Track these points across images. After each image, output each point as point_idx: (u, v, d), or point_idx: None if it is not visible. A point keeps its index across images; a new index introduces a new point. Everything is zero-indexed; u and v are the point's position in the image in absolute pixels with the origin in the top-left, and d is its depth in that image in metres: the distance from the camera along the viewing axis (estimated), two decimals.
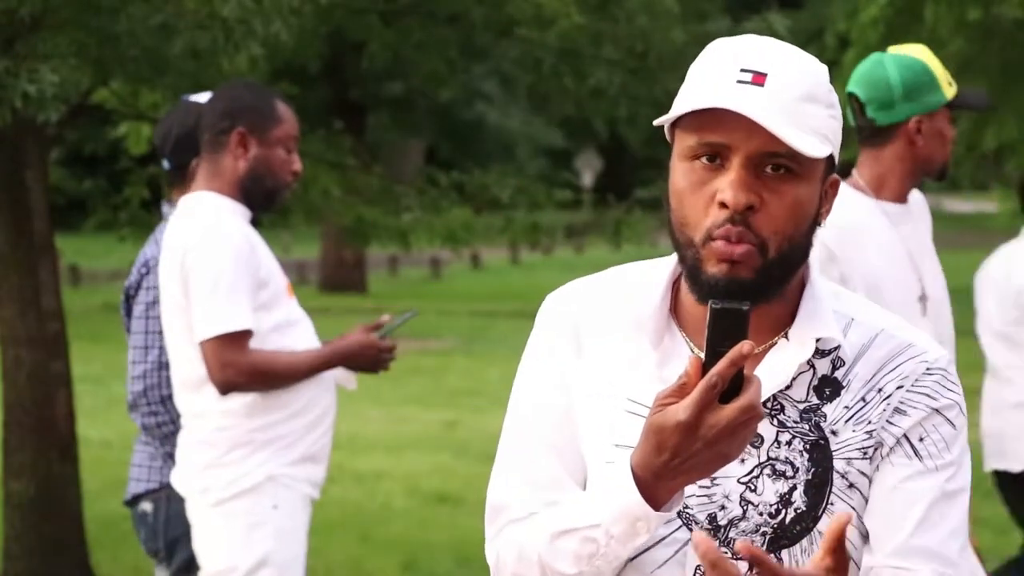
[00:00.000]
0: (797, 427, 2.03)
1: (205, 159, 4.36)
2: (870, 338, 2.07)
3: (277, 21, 6.27)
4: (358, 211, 8.62)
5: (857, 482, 2.03)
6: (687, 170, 1.99)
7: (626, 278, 2.14)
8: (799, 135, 1.94)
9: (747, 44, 2.01)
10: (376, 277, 28.11)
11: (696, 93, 1.97)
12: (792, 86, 1.97)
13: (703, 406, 1.84)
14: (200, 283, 4.18)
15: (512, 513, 2.09)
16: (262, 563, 4.23)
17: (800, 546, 2.02)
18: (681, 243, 2.01)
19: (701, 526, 2.01)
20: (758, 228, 1.96)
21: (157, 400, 4.53)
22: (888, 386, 2.04)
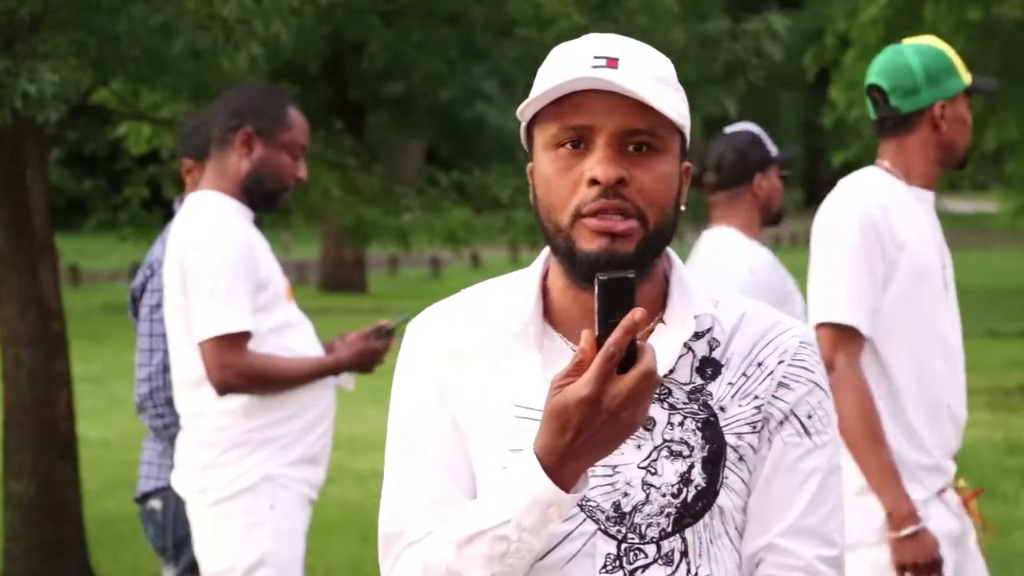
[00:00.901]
0: (687, 407, 2.08)
1: (213, 156, 4.38)
2: (738, 317, 2.13)
3: (277, 21, 6.27)
4: (358, 211, 8.62)
5: (746, 455, 2.09)
6: (552, 158, 2.06)
7: (490, 294, 2.17)
8: (659, 101, 2.01)
9: (594, 38, 2.10)
10: (376, 277, 28.11)
11: (553, 82, 2.04)
12: (644, 68, 2.05)
13: (603, 378, 1.87)
14: (199, 284, 4.18)
15: (409, 537, 2.09)
16: (260, 563, 4.23)
17: (703, 522, 2.07)
18: (550, 231, 2.06)
19: (606, 515, 2.05)
20: (633, 199, 2.02)
21: (163, 402, 4.54)
22: (768, 360, 2.10)
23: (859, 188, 4.02)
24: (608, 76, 2.01)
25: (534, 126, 2.09)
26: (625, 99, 2.02)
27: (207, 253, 4.19)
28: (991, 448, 10.45)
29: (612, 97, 2.02)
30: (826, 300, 3.94)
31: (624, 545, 2.06)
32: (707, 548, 2.08)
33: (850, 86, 19.01)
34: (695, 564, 2.06)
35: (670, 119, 2.04)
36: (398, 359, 2.17)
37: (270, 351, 4.26)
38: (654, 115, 2.03)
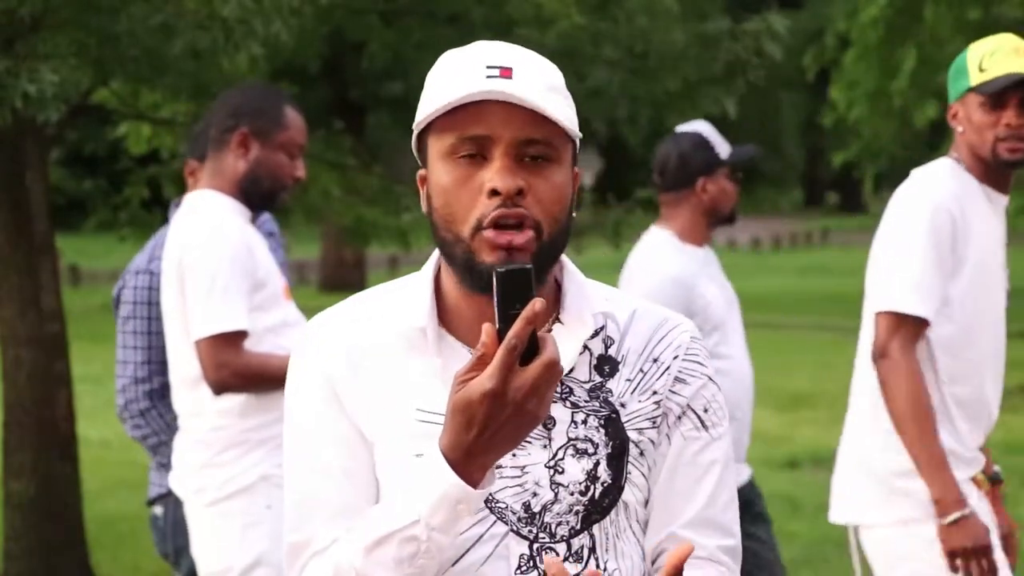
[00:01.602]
0: (588, 405, 2.10)
1: (210, 157, 4.38)
2: (629, 314, 2.16)
3: (277, 21, 6.27)
4: (358, 211, 8.62)
5: (646, 450, 2.12)
6: (449, 168, 2.07)
7: (382, 299, 2.17)
8: (556, 112, 2.03)
9: (484, 46, 2.10)
10: (376, 277, 28.08)
11: (449, 92, 2.04)
12: (537, 77, 2.06)
13: (507, 370, 1.87)
14: (196, 283, 4.18)
15: (315, 546, 2.07)
16: (257, 563, 4.23)
17: (609, 518, 2.10)
18: (448, 240, 2.07)
19: (517, 516, 2.06)
20: (530, 210, 2.03)
21: (137, 414, 4.56)
22: (663, 356, 2.14)
23: (936, 179, 3.99)
24: (506, 87, 2.02)
25: (427, 134, 2.10)
26: (521, 109, 2.03)
27: (205, 252, 4.19)
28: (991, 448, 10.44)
29: (508, 107, 2.03)
30: (893, 288, 3.92)
31: (536, 545, 2.07)
32: (614, 543, 2.10)
33: (850, 86, 19.02)
34: (603, 559, 2.09)
35: (564, 128, 2.05)
36: (293, 367, 2.15)
37: (267, 351, 4.26)
38: (549, 125, 2.05)
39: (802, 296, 23.62)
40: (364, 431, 2.09)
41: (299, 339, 2.17)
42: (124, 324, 4.59)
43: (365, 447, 2.09)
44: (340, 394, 2.10)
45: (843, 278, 27.24)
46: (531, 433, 2.03)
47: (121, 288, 4.64)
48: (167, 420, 4.51)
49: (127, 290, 4.60)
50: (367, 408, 2.09)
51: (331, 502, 2.08)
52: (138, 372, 4.54)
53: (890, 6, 17.04)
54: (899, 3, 16.97)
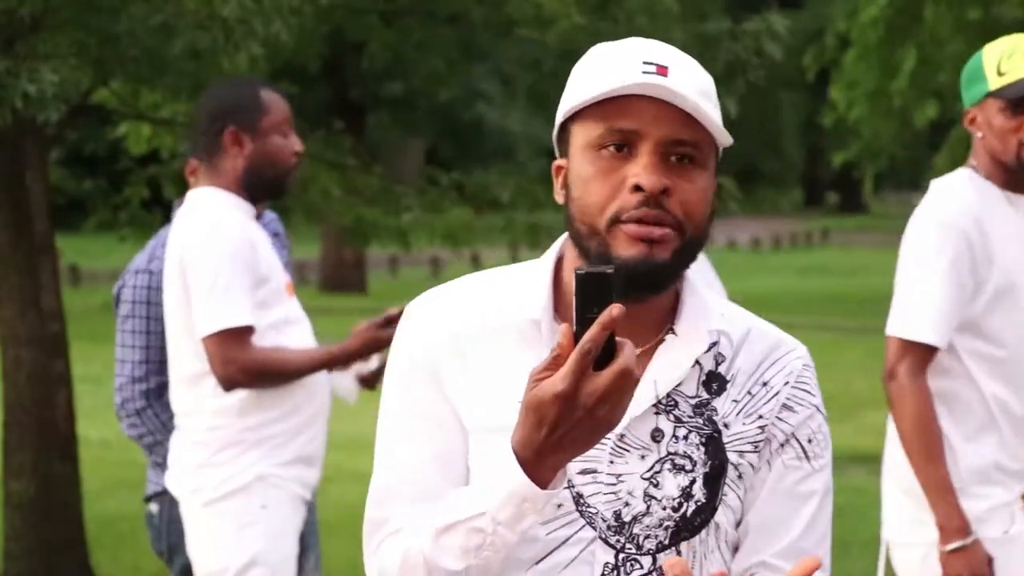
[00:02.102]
0: (692, 421, 2.07)
1: (204, 162, 4.38)
2: (743, 333, 2.13)
3: (277, 21, 6.27)
4: (358, 211, 8.61)
5: (745, 473, 2.09)
6: (593, 159, 2.04)
7: (497, 283, 2.14)
8: (709, 116, 2.01)
9: (639, 42, 2.08)
10: (376, 277, 28.09)
11: (603, 82, 2.01)
12: (692, 79, 2.05)
13: (579, 374, 1.84)
14: (199, 280, 4.18)
15: (392, 526, 2.07)
16: (252, 563, 4.23)
17: (699, 537, 2.07)
18: (583, 232, 2.04)
19: (607, 523, 2.04)
20: (673, 211, 2.01)
21: (133, 413, 4.56)
22: (774, 380, 2.11)
23: (952, 194, 3.92)
24: (663, 83, 2.00)
25: (571, 124, 2.07)
26: (673, 109, 2.01)
27: (206, 249, 4.19)
28: None
29: (661, 105, 2.01)
30: (907, 314, 3.87)
31: (621, 555, 2.05)
32: (700, 562, 2.08)
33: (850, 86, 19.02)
34: None
35: (712, 134, 2.03)
36: (394, 346, 2.13)
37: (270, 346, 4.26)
38: (699, 128, 2.03)
39: (802, 296, 23.63)
40: (462, 418, 2.07)
41: (405, 316, 2.14)
42: (123, 323, 4.60)
43: (460, 434, 2.07)
44: (441, 379, 2.08)
45: (843, 278, 27.26)
46: (631, 443, 2.03)
47: (121, 287, 4.65)
48: (163, 420, 4.51)
49: (127, 289, 4.61)
50: (469, 396, 2.07)
51: (415, 485, 2.07)
52: (135, 371, 4.55)
53: (890, 6, 17.04)
54: (899, 3, 16.97)
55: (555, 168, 2.12)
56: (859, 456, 10.25)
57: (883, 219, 48.27)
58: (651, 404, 2.06)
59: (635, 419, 2.05)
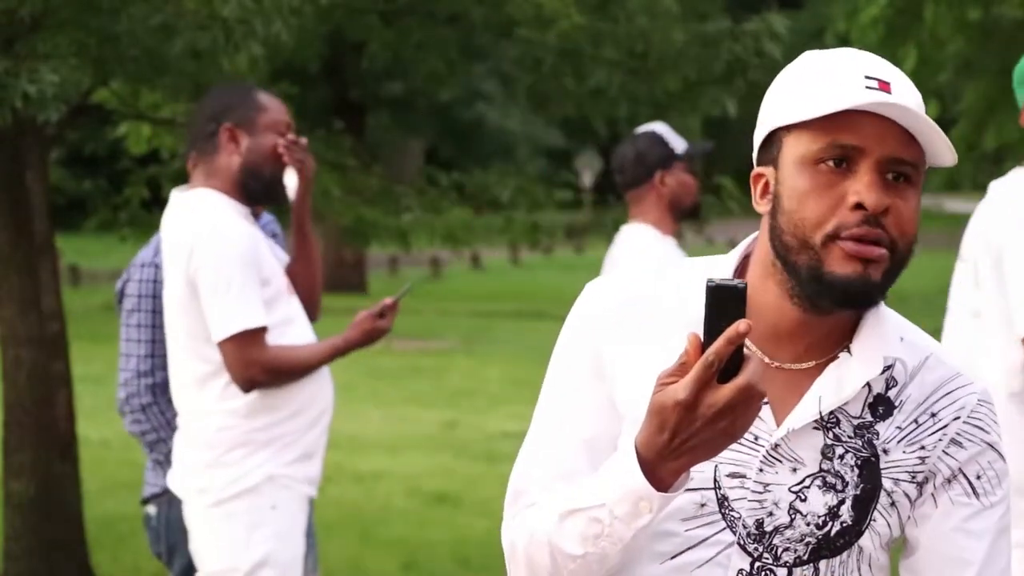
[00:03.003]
0: (851, 442, 2.05)
1: (200, 162, 4.38)
2: (921, 360, 2.10)
3: (277, 21, 6.27)
4: (358, 211, 8.61)
5: (899, 502, 2.08)
6: (811, 173, 2.00)
7: (677, 279, 2.12)
8: (937, 139, 1.99)
9: (855, 54, 2.05)
10: (376, 277, 28.09)
11: (828, 96, 1.99)
12: (913, 96, 2.02)
13: (701, 385, 1.84)
14: (211, 284, 4.18)
15: (530, 499, 2.09)
16: (263, 563, 4.23)
17: (840, 558, 2.06)
18: (793, 245, 2.01)
19: (748, 530, 2.04)
20: (890, 230, 1.99)
21: (138, 408, 4.54)
22: (943, 413, 2.08)
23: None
24: (891, 100, 1.97)
25: (783, 133, 2.04)
26: (895, 127, 1.99)
27: (213, 253, 4.19)
28: None
29: (884, 122, 1.98)
30: None
31: (757, 564, 2.05)
32: None
33: None
34: None
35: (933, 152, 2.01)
36: (566, 322, 2.14)
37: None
38: (917, 147, 2.01)
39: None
40: (618, 403, 2.07)
41: (581, 299, 2.14)
42: (128, 317, 4.58)
43: (615, 419, 2.07)
44: (604, 362, 2.08)
45: None
46: (784, 454, 2.03)
47: (125, 281, 4.64)
48: (168, 417, 4.50)
49: (132, 283, 4.60)
50: (627, 382, 2.06)
51: (561, 464, 2.08)
52: (141, 365, 4.53)
53: (890, 6, 17.03)
54: (899, 3, 16.96)
55: (754, 176, 2.10)
56: None
57: None
58: (813, 420, 2.04)
59: (793, 431, 2.04)
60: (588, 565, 1.98)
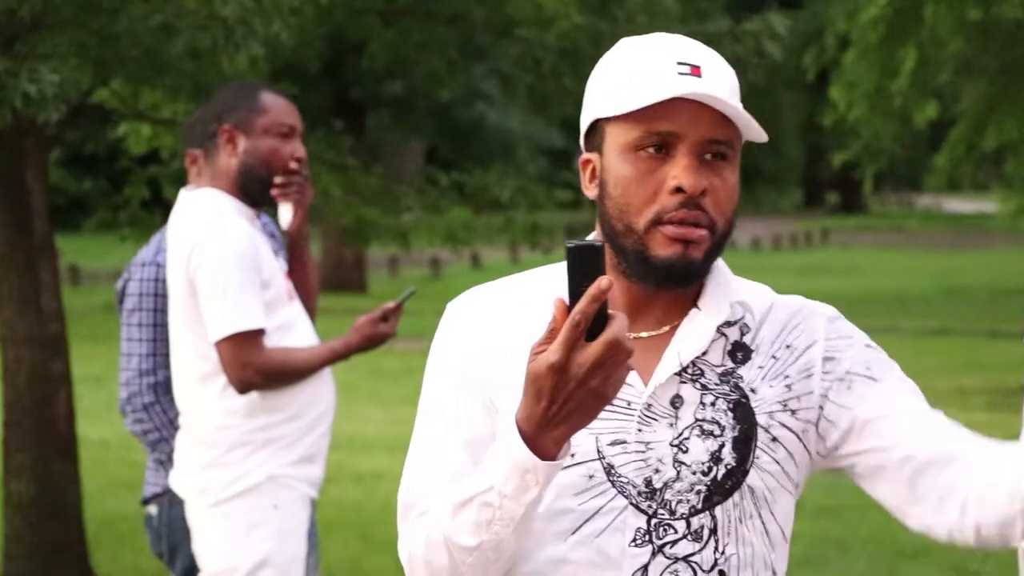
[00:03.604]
0: (719, 388, 2.13)
1: (205, 162, 4.39)
2: (767, 307, 2.20)
3: (277, 21, 6.27)
4: (358, 211, 8.62)
5: (780, 435, 2.15)
6: (632, 160, 2.09)
7: (530, 279, 2.21)
8: (746, 119, 2.08)
9: (667, 39, 2.13)
10: (376, 277, 28.09)
11: (643, 88, 2.06)
12: (724, 78, 2.10)
13: (570, 345, 1.88)
14: (209, 284, 4.18)
15: (420, 509, 2.12)
16: (263, 563, 4.23)
17: (732, 500, 2.12)
18: (619, 230, 2.10)
19: (638, 490, 2.09)
20: (709, 210, 2.08)
21: (140, 408, 4.54)
22: (797, 343, 2.17)
23: None
24: (700, 87, 2.05)
25: (604, 123, 2.12)
26: (708, 109, 2.06)
27: (213, 253, 4.19)
28: None
29: (697, 106, 2.06)
30: None
31: (654, 520, 2.10)
32: (736, 527, 2.12)
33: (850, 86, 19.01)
34: (723, 542, 2.11)
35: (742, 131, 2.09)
36: (435, 336, 2.20)
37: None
38: (731, 126, 2.09)
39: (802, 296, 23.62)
40: (495, 401, 2.12)
41: (447, 310, 2.21)
42: (129, 316, 4.58)
43: (493, 421, 2.12)
44: (476, 369, 2.14)
45: (843, 278, 27.26)
46: (658, 412, 2.10)
47: (127, 280, 4.64)
48: (170, 416, 4.50)
49: (133, 282, 4.60)
50: (500, 382, 2.12)
51: (445, 468, 2.12)
52: (143, 364, 4.53)
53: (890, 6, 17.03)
54: (899, 3, 16.96)
55: (583, 162, 2.17)
56: None
57: (883, 219, 48.29)
58: (674, 372, 2.12)
59: (660, 387, 2.11)
60: (484, 555, 2.01)
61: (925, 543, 8.02)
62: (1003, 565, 7.50)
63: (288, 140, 4.38)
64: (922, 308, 21.64)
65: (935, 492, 2.11)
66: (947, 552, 7.83)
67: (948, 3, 16.08)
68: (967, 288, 24.77)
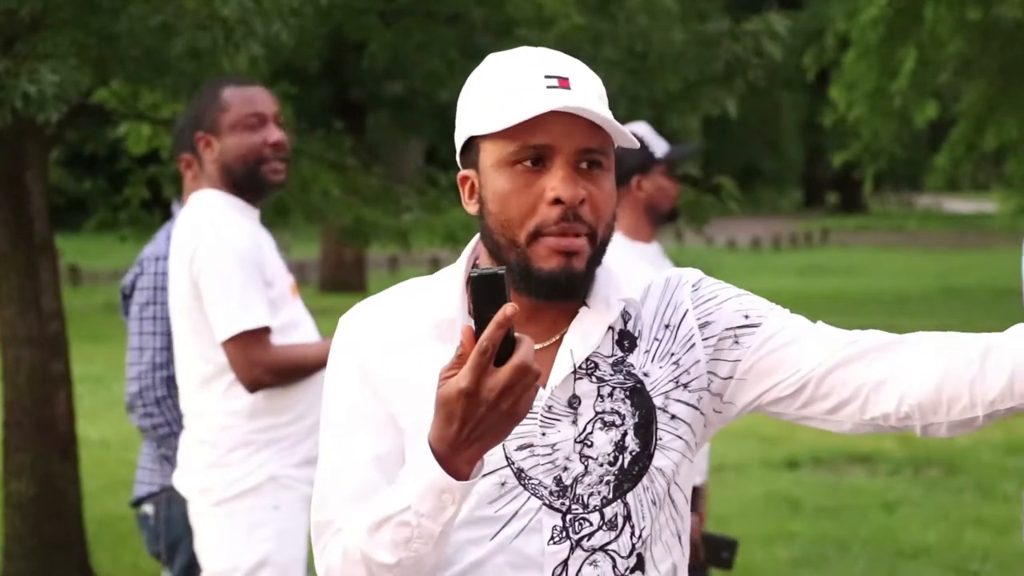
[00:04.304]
0: (613, 379, 2.18)
1: (196, 169, 4.42)
2: (644, 290, 2.25)
3: (277, 21, 6.27)
4: (358, 211, 8.62)
5: (679, 412, 2.20)
6: (509, 175, 2.11)
7: (418, 291, 2.23)
8: (617, 127, 2.10)
9: (532, 53, 2.15)
10: (376, 277, 28.10)
11: (513, 104, 2.09)
12: (591, 86, 2.13)
13: (479, 371, 1.92)
14: (213, 285, 4.18)
15: (336, 526, 2.14)
16: (263, 563, 4.24)
17: (642, 485, 2.17)
18: (502, 245, 2.13)
19: (549, 490, 2.13)
20: (588, 219, 2.11)
21: (152, 401, 4.53)
22: (672, 319, 2.22)
23: None
24: (570, 99, 2.08)
25: (479, 139, 2.13)
26: (581, 119, 2.09)
27: (216, 253, 4.19)
28: (991, 448, 10.45)
29: (568, 117, 2.08)
30: None
31: (569, 516, 2.14)
32: (649, 509, 2.17)
33: (850, 86, 19.03)
34: (639, 526, 2.16)
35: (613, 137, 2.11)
36: (332, 354, 2.22)
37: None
38: (603, 134, 2.11)
39: (802, 296, 23.63)
40: (397, 417, 2.15)
41: (339, 325, 2.23)
42: (142, 310, 4.58)
43: (398, 433, 2.15)
44: (373, 380, 2.17)
45: (843, 278, 27.25)
46: (559, 412, 2.13)
47: (137, 275, 4.63)
48: (180, 412, 4.50)
49: (145, 276, 4.59)
50: (399, 396, 2.15)
51: (356, 484, 2.14)
52: (156, 358, 4.53)
53: (890, 6, 17.04)
54: (899, 3, 16.97)
55: (460, 179, 2.19)
56: (858, 456, 10.25)
57: (883, 219, 48.28)
58: (569, 372, 2.15)
59: (557, 387, 2.15)
60: (404, 571, 2.04)
61: (925, 543, 8.03)
62: (1003, 566, 7.51)
63: (257, 129, 4.34)
64: (922, 308, 21.64)
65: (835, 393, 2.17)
66: (947, 552, 7.84)
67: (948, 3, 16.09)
68: (967, 288, 24.75)
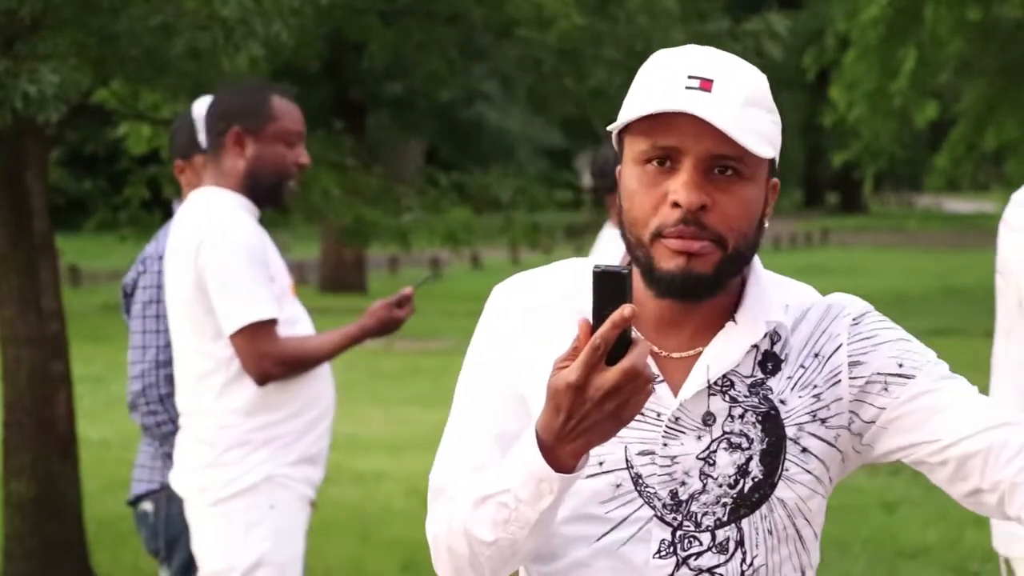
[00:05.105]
0: (747, 400, 2.13)
1: (210, 160, 4.39)
2: (802, 313, 2.18)
3: (277, 21, 6.27)
4: (358, 211, 8.62)
5: (811, 447, 2.14)
6: (639, 173, 2.09)
7: (573, 273, 2.20)
8: (746, 135, 2.04)
9: (692, 53, 2.11)
10: (376, 277, 28.09)
11: (646, 99, 2.06)
12: (737, 91, 2.06)
13: (589, 368, 1.89)
14: (219, 278, 4.18)
15: (448, 494, 2.14)
16: (259, 563, 4.23)
17: (760, 513, 2.12)
18: (631, 242, 2.11)
19: (663, 502, 2.10)
20: (712, 226, 2.06)
21: (155, 399, 4.53)
22: (824, 349, 2.16)
23: None
24: (699, 103, 2.03)
25: (624, 134, 2.13)
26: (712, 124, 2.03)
27: (222, 248, 4.20)
28: None
29: (700, 121, 2.03)
30: None
31: (679, 532, 2.11)
32: (764, 538, 2.13)
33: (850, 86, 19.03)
34: (751, 554, 2.12)
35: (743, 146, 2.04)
36: (480, 323, 2.21)
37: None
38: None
39: None
40: (527, 397, 2.14)
41: (490, 298, 2.22)
42: (146, 308, 4.57)
43: (524, 415, 2.13)
44: (510, 360, 2.16)
45: (842, 278, 27.24)
46: (686, 425, 2.10)
47: (140, 274, 4.62)
48: None
49: (148, 275, 4.58)
50: (531, 376, 2.13)
51: (475, 459, 2.13)
52: (160, 356, 4.53)
53: (890, 6, 17.04)
54: (899, 3, 16.97)
55: (616, 173, 2.18)
56: None
57: (883, 219, 48.28)
58: (702, 387, 2.11)
59: (687, 401, 2.11)
60: (501, 551, 2.04)
61: (925, 543, 8.03)
62: None
63: (294, 147, 4.38)
64: (922, 308, 21.63)
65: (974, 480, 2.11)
66: (947, 552, 7.83)
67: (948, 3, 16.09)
68: (967, 288, 24.75)
